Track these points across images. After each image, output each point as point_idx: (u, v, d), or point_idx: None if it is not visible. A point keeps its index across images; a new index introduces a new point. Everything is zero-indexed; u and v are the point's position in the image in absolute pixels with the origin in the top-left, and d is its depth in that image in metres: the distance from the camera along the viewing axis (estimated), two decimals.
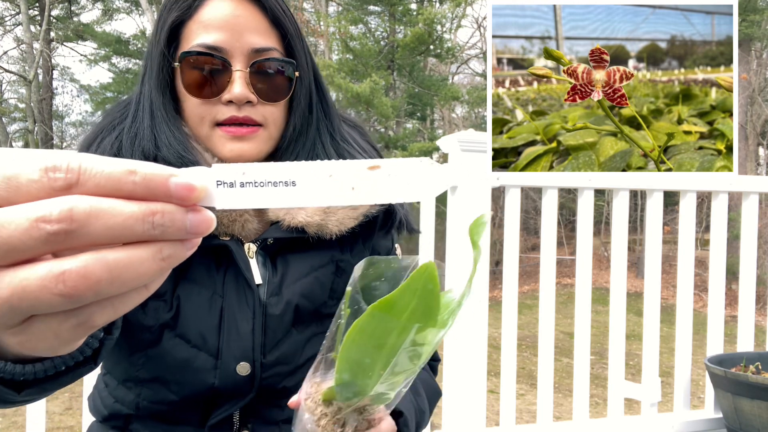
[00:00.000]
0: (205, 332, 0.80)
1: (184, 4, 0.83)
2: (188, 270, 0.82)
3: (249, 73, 0.81)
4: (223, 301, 0.82)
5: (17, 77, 17.39)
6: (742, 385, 2.07)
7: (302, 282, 0.85)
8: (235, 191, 0.34)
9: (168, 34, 0.83)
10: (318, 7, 16.27)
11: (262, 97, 0.83)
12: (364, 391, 0.58)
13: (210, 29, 0.81)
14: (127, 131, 0.85)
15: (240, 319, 0.81)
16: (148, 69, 0.86)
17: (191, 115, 0.84)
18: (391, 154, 14.03)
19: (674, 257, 2.48)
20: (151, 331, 0.80)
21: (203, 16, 0.82)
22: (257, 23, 0.83)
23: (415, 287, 0.54)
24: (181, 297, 0.81)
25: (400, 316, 0.55)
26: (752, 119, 15.17)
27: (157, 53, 0.84)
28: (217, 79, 0.81)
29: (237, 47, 0.81)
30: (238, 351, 0.81)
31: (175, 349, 0.80)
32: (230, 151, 0.83)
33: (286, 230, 0.85)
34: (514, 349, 2.15)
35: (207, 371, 0.80)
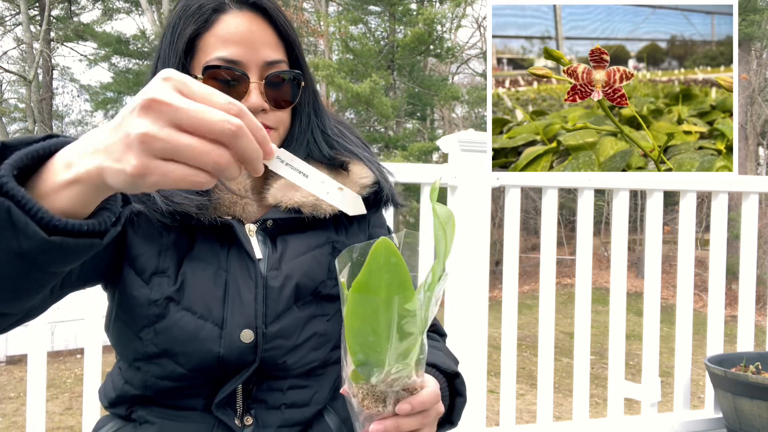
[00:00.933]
0: (210, 303, 0.86)
1: (201, 18, 0.89)
2: (192, 249, 0.89)
3: (263, 84, 0.89)
4: (227, 275, 0.88)
5: (17, 77, 17.39)
6: (742, 385, 2.07)
7: (300, 259, 0.91)
8: (281, 164, 0.58)
9: (185, 45, 0.89)
10: (318, 7, 16.27)
11: (273, 105, 0.91)
12: (382, 364, 0.61)
13: (228, 44, 0.88)
14: None
15: (243, 289, 0.87)
16: None
17: None
18: (391, 153, 14.03)
19: (674, 257, 2.48)
20: (157, 305, 0.85)
21: (221, 31, 0.88)
22: (269, 37, 0.90)
23: (378, 264, 0.58)
24: (187, 273, 0.87)
25: (378, 293, 0.58)
26: (752, 119, 15.17)
27: (174, 63, 0.89)
28: (235, 90, 0.88)
29: (252, 60, 0.89)
30: (241, 319, 0.85)
31: (182, 321, 0.84)
32: None
33: (284, 211, 0.92)
34: (514, 349, 2.15)
35: (213, 340, 0.84)
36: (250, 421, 0.86)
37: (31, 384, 1.63)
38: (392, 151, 14.12)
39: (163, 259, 0.87)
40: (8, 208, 0.52)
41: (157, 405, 0.88)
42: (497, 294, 8.40)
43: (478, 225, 2.03)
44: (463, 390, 0.85)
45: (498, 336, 2.28)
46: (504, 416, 2.14)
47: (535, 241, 16.08)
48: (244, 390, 0.87)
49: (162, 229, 0.88)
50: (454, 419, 0.81)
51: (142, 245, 0.87)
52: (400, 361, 0.62)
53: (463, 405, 0.84)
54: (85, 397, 1.69)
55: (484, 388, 2.06)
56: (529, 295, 11.55)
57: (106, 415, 0.97)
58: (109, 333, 0.93)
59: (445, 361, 0.89)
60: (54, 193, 0.55)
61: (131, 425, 0.89)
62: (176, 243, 0.88)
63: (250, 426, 0.86)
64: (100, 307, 1.66)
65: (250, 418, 0.87)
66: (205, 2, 0.89)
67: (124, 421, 0.91)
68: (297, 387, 0.90)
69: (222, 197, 0.90)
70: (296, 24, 14.68)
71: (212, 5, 0.89)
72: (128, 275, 0.86)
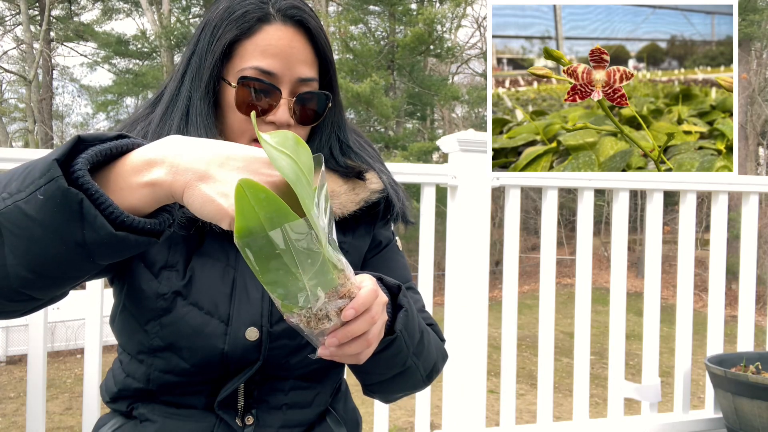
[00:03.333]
0: (217, 299, 0.87)
1: (245, 25, 0.89)
2: (202, 245, 0.90)
3: (293, 100, 0.90)
4: (236, 272, 0.89)
5: (17, 77, 17.39)
6: (742, 385, 2.07)
7: None
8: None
9: (223, 49, 0.89)
10: (318, 7, 16.27)
11: (297, 121, 0.92)
12: (303, 288, 0.61)
13: (267, 55, 0.89)
14: (155, 126, 0.92)
15: (250, 287, 0.88)
16: (191, 72, 0.92)
17: (233, 126, 0.92)
18: (391, 153, 14.03)
19: (674, 257, 2.48)
20: (165, 298, 0.86)
21: (261, 41, 0.89)
22: (306, 55, 0.91)
23: (249, 205, 0.57)
24: (195, 268, 0.88)
25: (262, 231, 0.57)
26: (752, 119, 15.17)
27: (210, 64, 0.90)
28: (265, 102, 0.90)
29: (287, 75, 0.89)
30: (247, 317, 0.86)
31: (188, 315, 0.85)
32: None
33: None
34: (514, 349, 2.15)
35: (218, 337, 0.85)
36: (251, 421, 0.87)
37: (31, 384, 1.63)
38: (392, 151, 14.12)
39: (173, 254, 0.88)
40: (81, 200, 0.57)
41: (158, 402, 0.88)
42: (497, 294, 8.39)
43: (478, 225, 2.03)
44: (404, 302, 0.84)
45: (498, 336, 2.28)
46: (504, 416, 2.14)
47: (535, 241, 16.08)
48: (246, 390, 0.87)
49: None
50: (396, 328, 0.81)
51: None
52: (319, 277, 0.61)
53: (406, 317, 0.83)
54: (84, 397, 1.69)
55: (484, 388, 2.06)
56: (529, 295, 11.54)
57: (106, 413, 0.98)
58: (113, 325, 0.94)
59: (389, 280, 0.86)
60: (128, 189, 0.61)
61: (132, 423, 0.90)
62: (186, 238, 0.89)
63: (251, 426, 0.87)
64: (100, 308, 1.66)
65: (251, 418, 0.87)
66: (250, 9, 0.89)
67: (125, 418, 0.91)
68: (299, 388, 0.91)
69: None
70: None
71: (258, 14, 0.89)
72: (138, 268, 0.87)
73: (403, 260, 1.09)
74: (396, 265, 1.06)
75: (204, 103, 0.90)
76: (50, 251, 0.59)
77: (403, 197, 1.04)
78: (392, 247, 1.07)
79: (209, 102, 0.91)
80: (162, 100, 0.95)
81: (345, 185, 0.98)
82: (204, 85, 0.90)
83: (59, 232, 0.58)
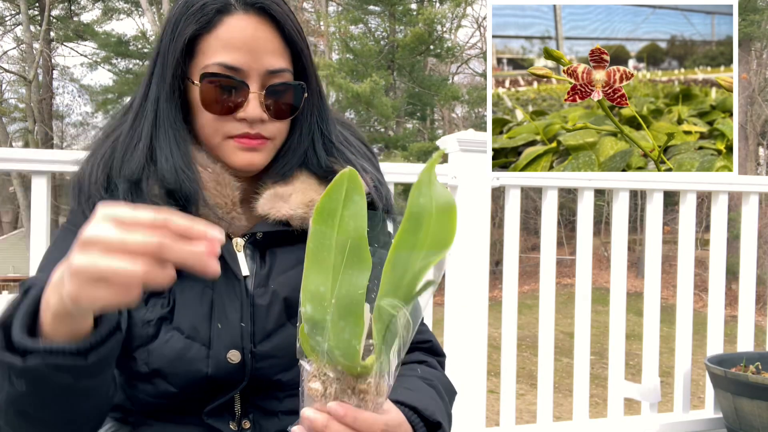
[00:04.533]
0: (197, 323, 0.84)
1: (204, 18, 0.84)
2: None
3: (263, 94, 0.85)
4: (213, 293, 0.85)
5: (17, 77, 17.39)
6: (742, 385, 2.07)
7: (289, 274, 0.88)
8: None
9: (184, 46, 0.85)
10: (318, 7, 16.27)
11: (272, 116, 0.87)
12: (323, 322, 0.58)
13: (230, 48, 0.84)
14: (124, 137, 0.89)
15: (229, 308, 0.85)
16: (156, 75, 0.88)
17: (204, 127, 0.88)
18: (391, 154, 14.03)
19: (674, 257, 2.48)
20: (151, 325, 0.83)
21: (223, 34, 0.84)
22: (274, 44, 0.86)
23: (339, 194, 0.55)
24: (176, 291, 0.85)
25: (332, 227, 0.56)
26: (752, 119, 15.17)
27: (171, 63, 0.85)
28: (234, 98, 0.85)
29: (254, 68, 0.84)
30: (227, 339, 0.83)
31: (171, 340, 0.83)
32: (242, 160, 0.88)
33: (273, 224, 0.89)
34: (514, 349, 2.15)
35: (200, 360, 0.83)
36: (247, 425, 0.85)
37: None
38: (392, 151, 14.11)
39: None
40: (37, 360, 0.62)
41: (154, 419, 0.87)
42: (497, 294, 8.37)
43: (478, 225, 2.03)
44: None
45: (498, 336, 2.27)
46: (504, 416, 2.14)
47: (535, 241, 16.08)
48: (242, 395, 0.86)
49: None
50: None
51: None
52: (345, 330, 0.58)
53: None
54: None
55: (484, 388, 2.06)
56: (529, 295, 11.53)
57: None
58: None
59: (429, 405, 0.78)
60: (52, 328, 0.63)
61: (127, 428, 0.89)
62: None
63: (248, 430, 0.85)
64: None
65: (248, 422, 0.85)
66: (209, 1, 0.84)
67: (121, 423, 0.90)
68: (294, 395, 0.88)
69: (205, 213, 0.85)
70: None
71: (216, 5, 0.84)
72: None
73: None
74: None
75: (171, 106, 0.87)
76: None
77: (387, 196, 0.98)
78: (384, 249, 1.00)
79: (176, 104, 0.87)
80: (132, 107, 0.91)
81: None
82: (169, 87, 0.86)
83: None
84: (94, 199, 0.85)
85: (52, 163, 1.66)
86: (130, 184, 0.85)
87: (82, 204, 0.87)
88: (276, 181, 0.92)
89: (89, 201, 0.85)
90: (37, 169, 1.64)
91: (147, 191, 0.85)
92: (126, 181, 0.86)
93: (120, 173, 0.86)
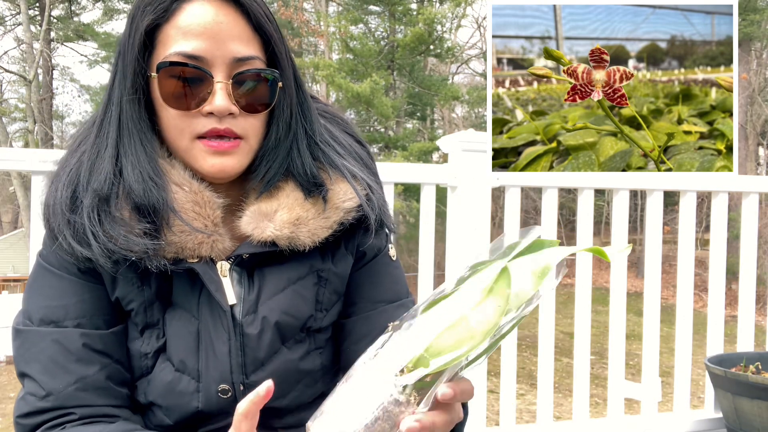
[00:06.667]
0: (186, 355, 0.81)
1: (160, 7, 0.77)
2: (171, 294, 0.82)
3: (231, 84, 0.78)
4: (199, 324, 0.81)
5: (17, 77, 17.38)
6: (742, 385, 2.07)
7: (279, 297, 0.83)
8: None
9: (142, 39, 0.78)
10: (318, 7, 16.26)
11: (244, 109, 0.80)
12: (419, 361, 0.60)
13: (189, 36, 0.77)
14: (90, 148, 0.83)
15: (216, 341, 0.80)
16: (118, 75, 0.81)
17: (169, 127, 0.81)
18: (391, 154, 14.02)
19: (674, 257, 2.48)
20: (148, 357, 0.82)
21: (182, 21, 0.77)
22: (239, 30, 0.78)
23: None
24: (167, 321, 0.82)
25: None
26: (752, 119, 15.17)
27: (131, 59, 0.79)
28: (197, 91, 0.78)
29: (218, 56, 0.77)
30: (216, 373, 0.80)
31: (163, 372, 0.81)
32: (212, 166, 0.80)
33: (258, 245, 0.82)
34: (514, 349, 2.15)
35: (190, 394, 0.80)
36: None
37: None
38: (392, 151, 14.10)
39: (150, 314, 0.82)
40: None
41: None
42: None
43: (478, 225, 2.03)
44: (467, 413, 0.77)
45: None
46: (504, 416, 2.14)
47: None
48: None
49: (140, 283, 0.81)
50: None
51: (130, 302, 0.82)
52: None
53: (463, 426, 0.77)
54: None
55: (484, 388, 2.06)
56: None
57: None
58: None
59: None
60: None
61: None
62: (159, 293, 0.82)
63: None
64: None
65: None
66: None
67: None
68: (293, 413, 0.86)
69: (183, 240, 0.79)
70: (296, 24, 14.68)
71: None
72: (129, 326, 0.84)
73: (396, 272, 0.95)
74: (384, 280, 0.92)
75: (134, 106, 0.80)
76: None
77: (382, 205, 0.90)
78: (382, 258, 0.93)
79: (139, 103, 0.80)
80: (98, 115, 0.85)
81: (313, 208, 0.83)
82: (131, 86, 0.79)
83: None
84: (61, 222, 0.79)
85: (52, 163, 1.65)
86: (97, 200, 0.78)
87: (54, 231, 0.80)
88: (259, 195, 0.84)
89: (60, 227, 0.79)
90: (37, 169, 1.64)
91: (115, 209, 0.78)
92: (93, 195, 0.78)
93: (87, 187, 0.79)
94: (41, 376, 0.79)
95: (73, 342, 0.79)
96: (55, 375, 0.78)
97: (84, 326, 0.81)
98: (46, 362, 0.79)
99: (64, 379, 0.78)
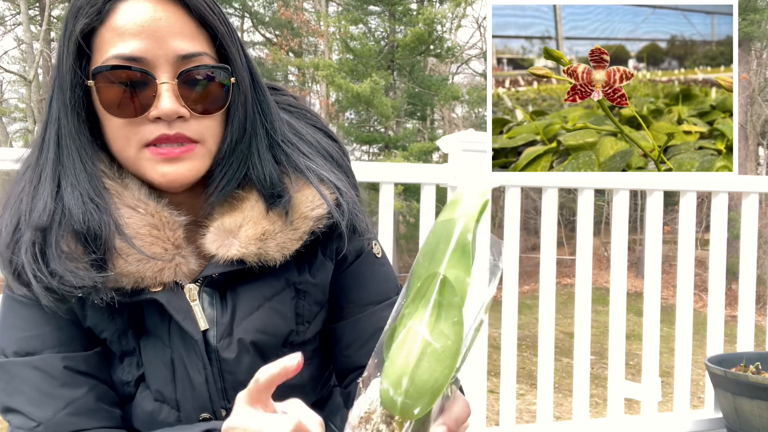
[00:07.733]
0: (161, 385, 0.78)
1: (93, 9, 0.71)
2: (144, 321, 0.78)
3: (177, 84, 0.71)
4: (172, 353, 0.77)
5: (17, 77, 17.38)
6: (742, 385, 2.07)
7: (254, 317, 0.78)
8: None
9: (77, 45, 0.71)
10: (318, 7, 16.26)
11: (195, 111, 0.73)
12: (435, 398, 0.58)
13: (126, 37, 0.70)
14: (31, 173, 0.77)
15: (191, 370, 0.77)
16: (56, 88, 0.74)
17: (114, 138, 0.74)
18: (391, 154, 14.03)
19: (674, 257, 2.48)
20: (129, 385, 0.79)
21: (117, 22, 0.70)
22: (182, 26, 0.72)
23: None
24: (142, 349, 0.78)
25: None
26: (752, 119, 15.16)
27: (67, 69, 0.72)
28: (141, 95, 0.71)
29: (160, 56, 0.70)
30: (196, 403, 0.78)
31: (144, 401, 0.79)
32: (163, 175, 0.73)
33: (225, 264, 0.76)
34: (514, 349, 2.15)
35: (171, 424, 0.78)
36: None
37: None
38: (392, 151, 14.10)
39: (125, 342, 0.78)
40: None
41: None
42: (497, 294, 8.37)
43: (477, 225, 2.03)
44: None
45: (498, 336, 2.27)
46: (504, 416, 2.14)
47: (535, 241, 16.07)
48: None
49: (110, 312, 0.76)
50: None
51: (102, 331, 0.78)
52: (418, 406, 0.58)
53: None
54: None
55: (484, 388, 2.06)
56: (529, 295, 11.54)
57: None
58: None
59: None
60: None
61: None
62: (131, 320, 0.77)
63: None
64: None
65: None
66: None
67: None
68: None
69: (141, 269, 0.72)
70: (296, 24, 14.68)
71: None
72: (110, 352, 0.81)
73: (383, 270, 0.90)
74: (370, 280, 0.88)
75: (73, 120, 0.73)
76: None
77: (353, 209, 0.82)
78: (365, 258, 0.89)
79: (78, 116, 0.73)
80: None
81: (279, 220, 0.77)
82: (69, 98, 0.72)
83: None
84: (4, 260, 0.73)
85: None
86: (37, 233, 0.71)
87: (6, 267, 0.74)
88: (221, 209, 0.78)
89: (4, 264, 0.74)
90: None
91: (59, 241, 0.71)
92: (32, 229, 0.71)
93: (29, 218, 0.72)
94: (27, 407, 0.74)
95: (54, 367, 0.75)
96: (42, 403, 0.74)
97: (63, 351, 0.76)
98: (30, 392, 0.74)
99: (52, 405, 0.74)
